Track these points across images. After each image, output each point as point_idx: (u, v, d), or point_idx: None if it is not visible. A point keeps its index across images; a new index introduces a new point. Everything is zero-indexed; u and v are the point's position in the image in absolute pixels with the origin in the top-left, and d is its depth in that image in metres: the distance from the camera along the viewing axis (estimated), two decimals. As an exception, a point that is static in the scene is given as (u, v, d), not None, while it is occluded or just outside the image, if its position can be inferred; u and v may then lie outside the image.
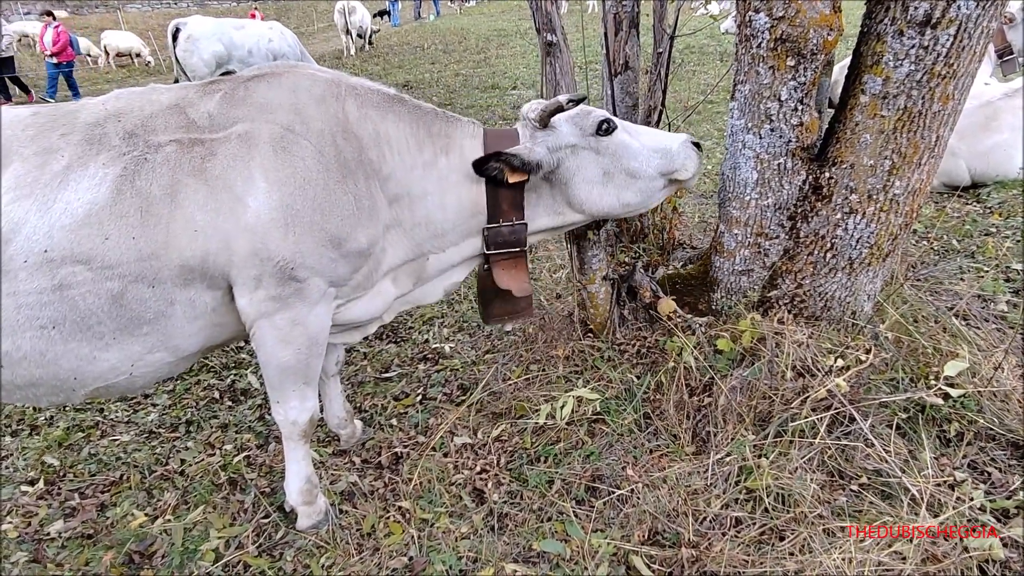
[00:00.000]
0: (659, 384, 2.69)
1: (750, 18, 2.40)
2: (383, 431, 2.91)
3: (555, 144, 2.26)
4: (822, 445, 2.21)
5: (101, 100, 2.02)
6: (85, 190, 1.82)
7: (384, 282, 2.29)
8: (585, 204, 2.35)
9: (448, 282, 2.48)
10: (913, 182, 2.40)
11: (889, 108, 2.31)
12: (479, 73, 13.31)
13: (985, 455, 2.21)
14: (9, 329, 1.81)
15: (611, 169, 2.31)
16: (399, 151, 2.15)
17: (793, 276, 2.65)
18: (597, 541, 2.12)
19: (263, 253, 1.91)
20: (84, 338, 1.87)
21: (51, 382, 1.93)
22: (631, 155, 2.32)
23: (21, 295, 1.79)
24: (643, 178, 2.35)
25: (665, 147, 2.37)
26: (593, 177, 2.31)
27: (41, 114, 1.94)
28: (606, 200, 2.36)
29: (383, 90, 2.23)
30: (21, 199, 1.79)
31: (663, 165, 2.37)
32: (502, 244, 2.32)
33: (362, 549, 2.26)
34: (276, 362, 2.11)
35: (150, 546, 2.37)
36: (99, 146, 1.88)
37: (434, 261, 2.35)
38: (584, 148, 2.29)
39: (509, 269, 2.39)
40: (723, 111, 7.96)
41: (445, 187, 2.22)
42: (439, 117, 2.26)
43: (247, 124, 1.96)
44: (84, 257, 1.80)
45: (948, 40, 2.15)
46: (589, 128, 2.28)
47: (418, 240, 2.27)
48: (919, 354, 2.48)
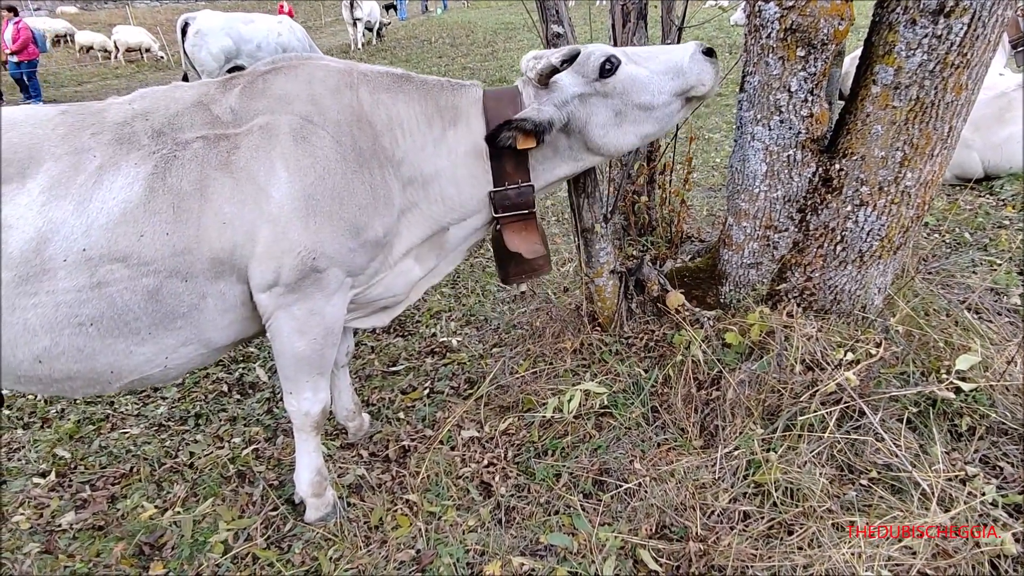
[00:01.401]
0: (667, 378, 2.68)
1: (760, 8, 2.37)
2: (390, 424, 2.91)
3: (561, 99, 2.19)
4: (831, 439, 2.19)
5: (127, 99, 2.05)
6: (119, 189, 1.85)
7: (406, 261, 2.29)
8: (603, 147, 2.29)
9: (470, 244, 2.47)
10: (925, 174, 2.37)
11: (901, 98, 2.27)
12: (486, 67, 13.28)
13: (997, 450, 2.19)
14: (48, 327, 1.84)
15: (623, 109, 2.22)
16: (410, 131, 2.15)
17: (802, 269, 2.62)
18: (604, 535, 2.12)
19: (284, 243, 1.93)
20: (121, 333, 1.90)
21: (88, 375, 1.96)
22: (641, 88, 2.20)
23: (60, 293, 1.82)
24: (658, 107, 2.24)
25: (676, 65, 2.22)
26: (606, 121, 2.24)
27: (69, 113, 1.96)
28: (624, 139, 2.28)
29: (392, 71, 2.23)
30: (58, 199, 1.82)
31: (676, 86, 2.23)
32: (509, 207, 2.28)
33: (370, 542, 2.27)
34: (291, 352, 2.12)
35: (160, 538, 2.38)
36: (129, 145, 1.90)
37: (454, 231, 2.34)
38: (591, 95, 2.21)
39: (519, 232, 2.34)
40: (732, 103, 7.90)
41: (455, 160, 2.21)
42: (445, 88, 2.24)
43: (267, 116, 1.98)
44: (121, 255, 1.83)
45: (962, 29, 2.12)
46: (592, 73, 2.17)
47: (436, 216, 2.26)
48: (930, 348, 2.46)
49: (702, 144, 6.74)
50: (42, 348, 1.87)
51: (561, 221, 5.10)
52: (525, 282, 2.77)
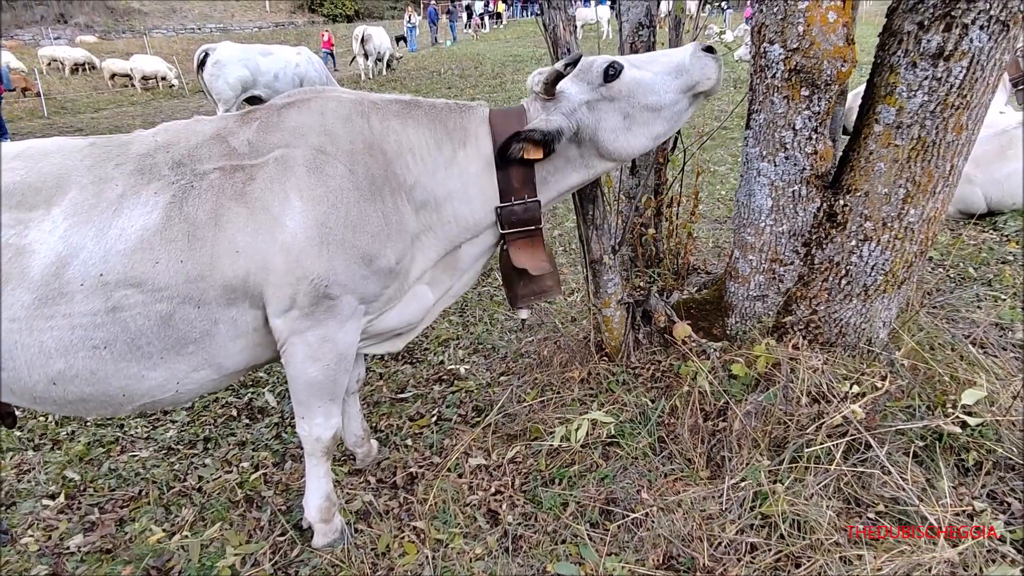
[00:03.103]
0: (674, 408, 2.70)
1: (765, 49, 2.45)
2: (398, 451, 2.93)
3: (568, 108, 2.23)
4: (838, 472, 2.20)
5: (151, 132, 2.12)
6: (138, 216, 1.91)
7: (419, 287, 2.32)
8: (615, 152, 2.31)
9: (483, 261, 2.49)
10: (928, 210, 2.42)
11: (903, 138, 2.34)
12: (495, 98, 13.50)
13: (1004, 485, 2.19)
14: (63, 349, 1.88)
15: (631, 111, 2.26)
16: (421, 156, 2.19)
17: (808, 302, 2.66)
18: (611, 565, 2.12)
19: (298, 271, 1.97)
20: (134, 358, 1.94)
21: (100, 398, 1.99)
22: (647, 90, 2.24)
23: (76, 316, 1.86)
24: (665, 106, 2.27)
25: (678, 64, 2.26)
26: (616, 125, 2.26)
27: (97, 144, 2.04)
28: (636, 141, 2.31)
29: (400, 98, 2.29)
30: (80, 225, 1.88)
31: (681, 83, 2.26)
32: (516, 223, 2.31)
33: (377, 568, 2.27)
34: (304, 378, 2.15)
35: (168, 562, 2.39)
36: (150, 175, 1.97)
37: (467, 248, 2.38)
38: (598, 100, 2.24)
39: (525, 248, 2.36)
40: (737, 137, 8.01)
41: (467, 180, 2.25)
42: (453, 110, 2.29)
43: (283, 149, 2.03)
44: (136, 280, 1.88)
45: (961, 72, 2.19)
46: (596, 79, 2.21)
47: (450, 236, 2.30)
48: (935, 382, 2.48)
49: (707, 176, 6.83)
50: (57, 371, 1.91)
51: (568, 251, 5.16)
52: (533, 305, 2.74)
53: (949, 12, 2.15)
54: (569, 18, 2.67)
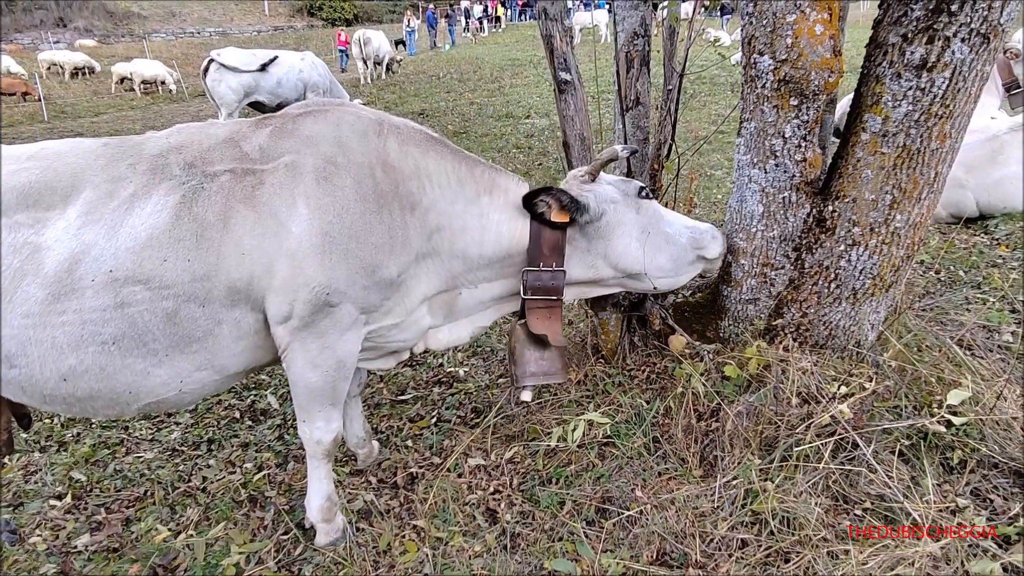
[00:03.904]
0: (668, 409, 2.76)
1: (755, 60, 2.52)
2: (399, 452, 2.99)
3: (601, 196, 2.36)
4: (826, 470, 2.27)
5: (165, 134, 2.19)
6: (148, 215, 1.97)
7: (420, 310, 2.38)
8: (621, 259, 2.43)
9: (476, 325, 2.56)
10: (914, 216, 2.49)
11: (889, 146, 2.40)
12: (493, 102, 13.57)
13: (988, 483, 2.26)
14: (74, 344, 1.94)
15: (649, 228, 2.43)
16: (439, 184, 2.25)
17: (798, 305, 2.73)
18: (607, 561, 2.18)
19: (301, 278, 2.02)
20: (140, 354, 2.00)
21: (108, 395, 2.05)
22: (666, 222, 2.50)
23: (86, 312, 1.93)
24: (676, 245, 2.48)
25: (693, 225, 2.57)
26: (632, 233, 2.41)
27: (111, 145, 2.11)
28: (640, 257, 2.43)
29: (426, 131, 2.34)
30: (92, 223, 1.95)
31: (693, 240, 2.53)
32: (539, 290, 2.36)
33: (378, 566, 2.33)
34: (305, 384, 2.20)
35: (173, 560, 2.45)
36: (162, 175, 2.03)
37: (466, 296, 2.44)
38: (626, 206, 2.41)
39: (544, 319, 2.42)
40: (733, 140, 8.08)
41: (486, 224, 2.31)
42: (482, 164, 2.38)
43: (294, 155, 2.09)
44: (144, 277, 1.94)
45: (943, 83, 2.26)
46: (632, 191, 2.44)
47: (454, 272, 2.35)
48: (922, 383, 2.54)
49: (704, 181, 6.90)
50: (68, 366, 1.97)
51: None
52: (537, 388, 2.77)
53: (932, 25, 2.21)
54: (565, 29, 2.74)
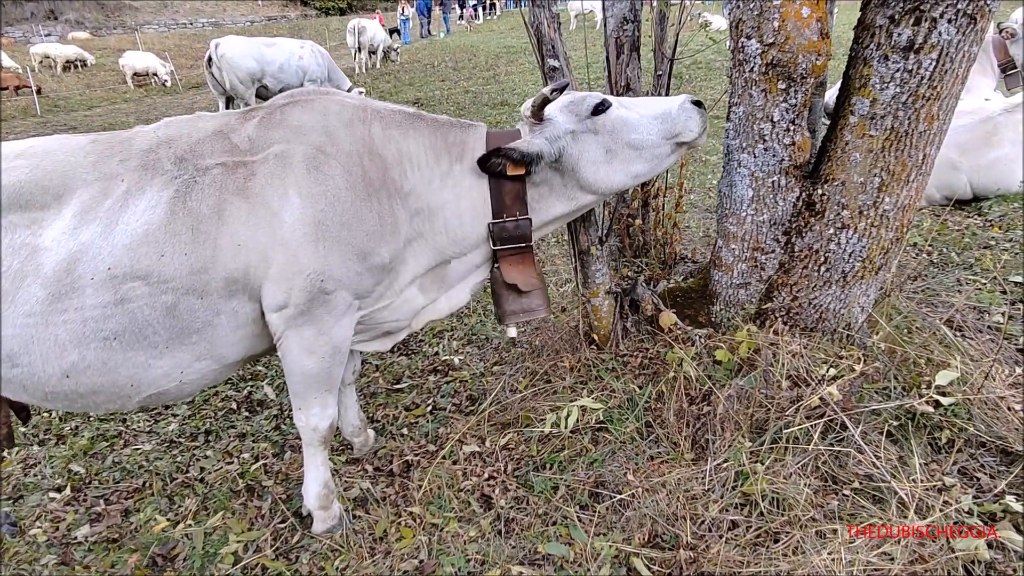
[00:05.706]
0: (660, 394, 2.78)
1: (742, 44, 2.52)
2: (394, 440, 3.01)
3: (553, 134, 2.33)
4: (816, 451, 2.29)
5: (152, 128, 2.19)
6: (143, 212, 1.98)
7: (411, 289, 2.40)
8: (595, 184, 2.40)
9: (472, 284, 2.57)
10: (902, 198, 2.50)
11: (877, 128, 2.41)
12: (488, 90, 13.51)
13: (975, 461, 2.28)
14: (76, 341, 1.97)
15: (613, 146, 2.36)
16: (419, 166, 2.27)
17: (788, 289, 2.74)
18: (600, 544, 2.21)
19: (295, 266, 2.05)
20: (141, 347, 2.03)
21: (111, 389, 2.08)
22: (630, 128, 2.36)
23: (88, 309, 1.95)
24: (647, 147, 2.38)
25: (664, 112, 2.39)
26: (597, 158, 2.36)
27: (99, 141, 2.11)
28: (615, 177, 2.40)
29: (404, 110, 2.36)
30: (88, 223, 1.96)
31: (665, 130, 2.38)
32: (507, 239, 2.39)
33: (375, 552, 2.36)
34: (301, 370, 2.23)
35: (172, 549, 2.48)
36: (153, 171, 2.04)
37: (456, 265, 2.46)
38: (583, 132, 2.34)
39: (516, 265, 2.46)
40: (728, 126, 8.06)
41: (460, 192, 2.33)
42: (455, 126, 2.38)
43: (283, 145, 2.10)
44: (143, 273, 1.96)
45: (931, 64, 2.26)
46: (585, 112, 2.34)
47: (440, 247, 2.37)
48: (911, 364, 2.56)
49: (699, 166, 6.89)
50: (70, 363, 1.99)
51: (561, 243, 5.23)
52: (521, 323, 2.85)
53: (918, 6, 2.21)
54: (553, 16, 2.73)
